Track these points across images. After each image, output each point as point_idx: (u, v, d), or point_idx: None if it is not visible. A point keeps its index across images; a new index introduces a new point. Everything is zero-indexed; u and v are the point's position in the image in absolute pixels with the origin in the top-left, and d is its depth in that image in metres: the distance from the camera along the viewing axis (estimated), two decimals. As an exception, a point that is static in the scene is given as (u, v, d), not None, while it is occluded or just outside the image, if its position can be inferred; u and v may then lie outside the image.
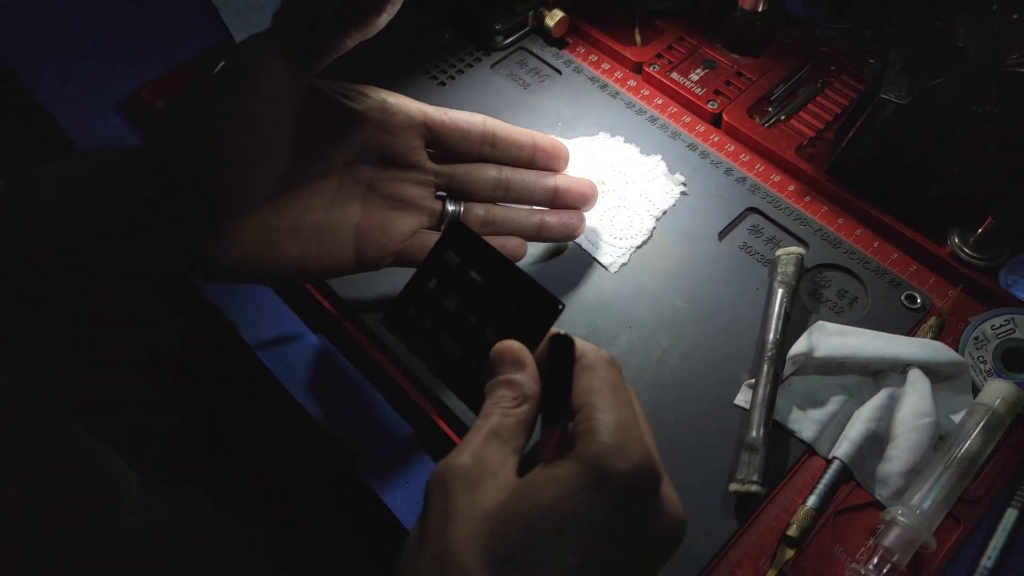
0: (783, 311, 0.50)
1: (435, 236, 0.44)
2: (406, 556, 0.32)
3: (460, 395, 0.42)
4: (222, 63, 0.41)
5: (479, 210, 0.50)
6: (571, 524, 0.30)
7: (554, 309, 0.39)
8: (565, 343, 0.35)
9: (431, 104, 0.48)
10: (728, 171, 0.59)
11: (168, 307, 0.54)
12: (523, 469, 0.33)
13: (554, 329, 0.38)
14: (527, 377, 0.36)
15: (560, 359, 0.35)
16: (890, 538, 0.42)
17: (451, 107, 0.62)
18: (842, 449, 0.46)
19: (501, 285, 0.40)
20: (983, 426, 0.45)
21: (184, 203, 0.41)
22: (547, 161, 0.51)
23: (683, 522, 0.34)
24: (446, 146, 0.49)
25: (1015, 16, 0.52)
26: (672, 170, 0.59)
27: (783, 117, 0.62)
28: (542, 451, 0.35)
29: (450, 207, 0.49)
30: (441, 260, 0.42)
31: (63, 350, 0.48)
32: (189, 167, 0.40)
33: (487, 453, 0.33)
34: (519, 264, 0.50)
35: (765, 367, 0.48)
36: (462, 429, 0.48)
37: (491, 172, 0.50)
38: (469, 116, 0.49)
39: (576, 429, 0.33)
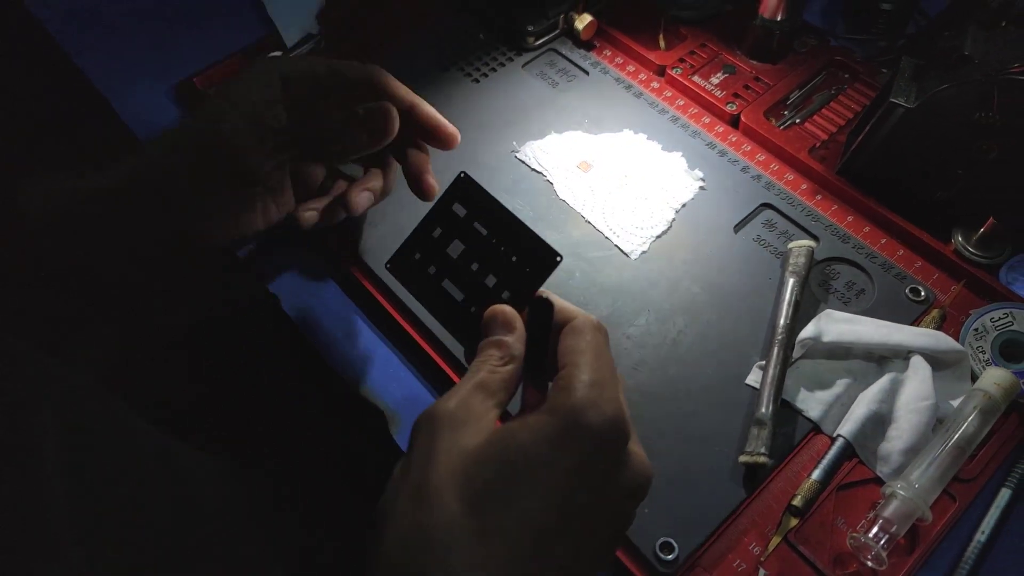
0: (794, 298, 0.53)
1: None
2: (389, 490, 0.34)
3: (458, 336, 0.45)
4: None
5: None
6: (541, 467, 0.32)
7: (552, 259, 0.42)
8: (544, 305, 0.37)
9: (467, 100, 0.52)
10: (744, 169, 0.62)
11: (206, 278, 0.57)
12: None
13: (541, 291, 0.40)
14: (515, 339, 0.39)
15: (539, 320, 0.37)
16: (889, 509, 0.45)
17: (483, 103, 0.66)
18: (846, 428, 0.49)
19: (504, 235, 0.44)
20: (980, 410, 0.48)
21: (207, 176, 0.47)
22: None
23: (649, 478, 0.36)
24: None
25: (1024, 31, 0.55)
26: (691, 166, 0.62)
27: (798, 120, 0.65)
28: (521, 406, 0.38)
29: None
30: (447, 210, 0.46)
31: (99, 323, 0.52)
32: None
33: (472, 402, 0.36)
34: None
35: (775, 350, 0.51)
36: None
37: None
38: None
39: (556, 385, 0.35)
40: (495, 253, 0.44)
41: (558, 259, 0.42)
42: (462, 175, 0.47)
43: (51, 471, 0.47)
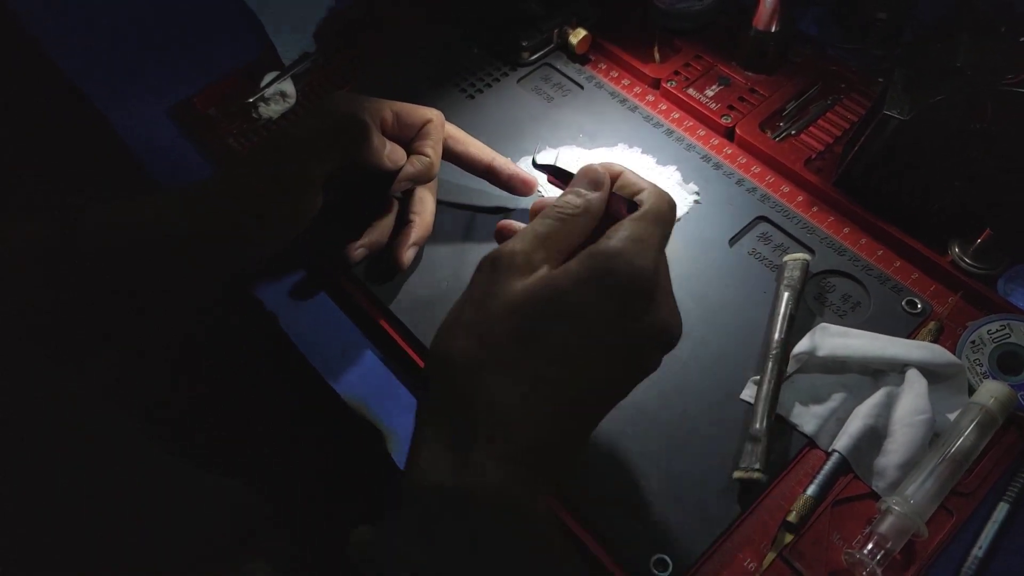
0: (788, 312, 0.53)
1: None
2: (448, 322, 0.39)
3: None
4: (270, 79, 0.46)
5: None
6: (574, 307, 0.37)
7: None
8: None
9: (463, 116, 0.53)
10: (740, 182, 0.62)
11: (207, 299, 0.58)
12: None
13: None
14: (597, 198, 0.42)
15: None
16: (885, 525, 0.45)
17: (479, 118, 0.67)
18: (841, 442, 0.49)
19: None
20: (976, 424, 0.48)
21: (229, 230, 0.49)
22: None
23: (675, 328, 0.40)
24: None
25: (1023, 39, 0.54)
26: (686, 180, 0.62)
27: (793, 132, 0.65)
28: None
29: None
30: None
31: (104, 342, 0.53)
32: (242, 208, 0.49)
33: (534, 256, 0.39)
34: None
35: (770, 364, 0.51)
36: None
37: None
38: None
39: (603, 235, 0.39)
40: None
41: None
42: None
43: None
